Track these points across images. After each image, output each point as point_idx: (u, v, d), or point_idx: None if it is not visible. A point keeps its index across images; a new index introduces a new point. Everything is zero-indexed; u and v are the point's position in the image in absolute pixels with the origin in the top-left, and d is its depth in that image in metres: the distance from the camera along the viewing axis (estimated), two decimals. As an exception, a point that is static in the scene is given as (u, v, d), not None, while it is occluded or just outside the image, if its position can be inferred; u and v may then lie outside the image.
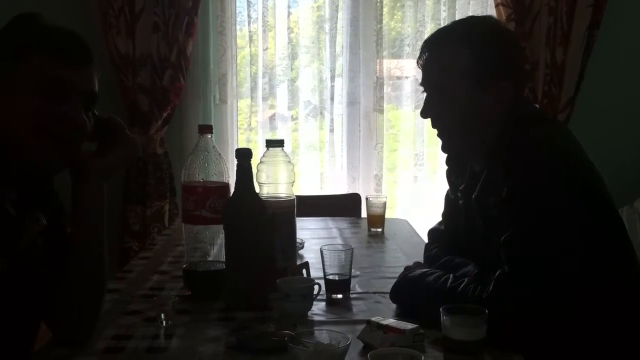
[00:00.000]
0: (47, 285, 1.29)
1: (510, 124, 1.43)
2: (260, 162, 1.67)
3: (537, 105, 3.12)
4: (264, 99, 3.46)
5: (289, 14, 3.47)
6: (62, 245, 1.32)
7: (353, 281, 1.65)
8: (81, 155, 1.29)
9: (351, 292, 1.61)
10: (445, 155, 1.66)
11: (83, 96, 1.25)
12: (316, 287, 1.50)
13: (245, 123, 3.55)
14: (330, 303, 1.56)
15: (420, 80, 1.54)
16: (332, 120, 3.52)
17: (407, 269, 1.59)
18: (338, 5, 3.42)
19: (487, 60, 1.43)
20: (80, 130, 1.25)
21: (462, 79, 1.43)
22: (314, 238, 2.23)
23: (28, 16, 1.25)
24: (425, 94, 1.52)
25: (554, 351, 1.26)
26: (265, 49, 3.42)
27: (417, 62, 1.53)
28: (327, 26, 3.45)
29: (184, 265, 1.63)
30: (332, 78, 3.47)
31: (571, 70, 3.30)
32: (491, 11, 3.33)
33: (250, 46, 3.44)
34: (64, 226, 1.36)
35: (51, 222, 1.33)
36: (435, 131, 1.54)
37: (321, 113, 3.53)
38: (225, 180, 1.60)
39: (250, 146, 3.33)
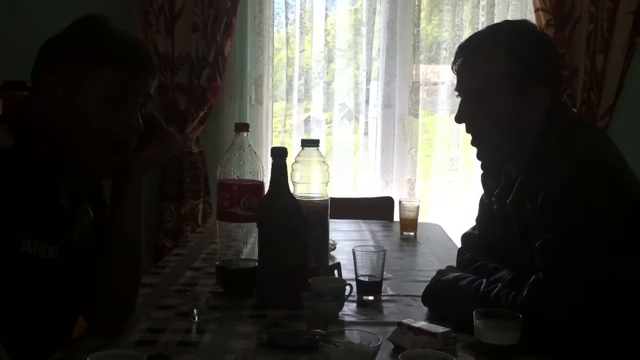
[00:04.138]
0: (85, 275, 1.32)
1: (550, 130, 1.41)
2: (295, 161, 1.67)
3: (575, 110, 3.08)
4: (299, 100, 3.47)
5: (327, 16, 3.47)
6: (103, 236, 1.35)
7: (385, 284, 1.64)
8: None
9: (382, 294, 1.61)
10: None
11: (142, 102, 1.30)
12: (348, 287, 1.50)
13: (279, 125, 3.57)
14: (361, 304, 1.55)
15: (455, 85, 1.53)
16: (366, 123, 3.52)
17: (439, 272, 1.58)
18: (376, 9, 3.42)
19: (525, 65, 1.41)
20: (138, 135, 1.30)
21: (499, 84, 1.42)
22: (346, 240, 2.23)
23: (102, 21, 1.28)
24: (459, 99, 1.51)
25: (587, 357, 1.24)
26: (301, 51, 3.44)
27: (452, 67, 1.51)
28: (364, 29, 3.45)
29: (217, 262, 1.64)
30: (368, 81, 3.47)
31: (611, 77, 3.25)
32: (530, 16, 3.30)
33: (287, 48, 3.46)
34: (105, 218, 1.39)
35: (96, 214, 1.37)
36: (469, 137, 1.53)
37: (356, 117, 3.53)
38: (260, 179, 1.61)
39: (284, 148, 3.35)
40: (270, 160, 1.53)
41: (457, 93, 1.51)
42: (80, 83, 1.22)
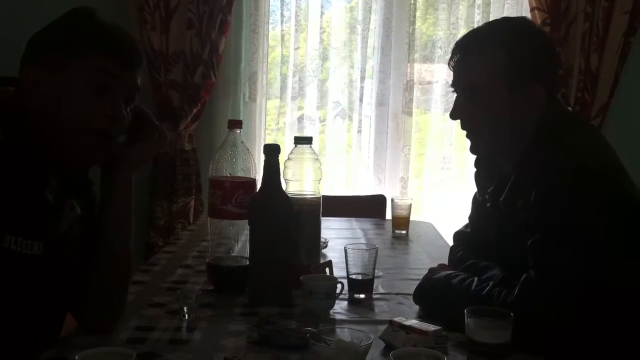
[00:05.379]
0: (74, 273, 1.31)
1: (545, 129, 1.41)
2: (288, 158, 1.67)
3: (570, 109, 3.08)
4: (293, 98, 3.47)
5: (322, 14, 3.47)
6: (93, 233, 1.34)
7: (376, 282, 1.64)
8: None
9: (374, 292, 1.61)
10: (474, 158, 1.65)
11: (127, 94, 1.28)
12: (339, 285, 1.49)
13: (273, 123, 3.56)
14: (353, 302, 1.55)
15: (450, 82, 1.53)
16: (360, 121, 3.51)
17: (431, 271, 1.58)
18: (371, 7, 3.41)
19: (522, 63, 1.41)
20: (123, 127, 1.29)
21: (496, 82, 1.41)
22: (338, 238, 2.22)
23: (87, 13, 1.27)
24: (455, 95, 1.50)
25: (578, 356, 1.24)
26: (296, 49, 3.43)
27: (449, 63, 1.50)
28: (359, 27, 3.45)
29: (208, 260, 1.64)
30: (362, 79, 3.47)
31: (605, 77, 3.25)
32: (526, 15, 3.29)
33: (281, 46, 3.45)
34: (94, 215, 1.38)
35: (85, 211, 1.36)
36: (464, 134, 1.52)
37: (349, 115, 3.52)
38: (252, 176, 1.60)
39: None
40: (262, 157, 1.52)
41: (452, 89, 1.51)
42: (65, 71, 1.21)
